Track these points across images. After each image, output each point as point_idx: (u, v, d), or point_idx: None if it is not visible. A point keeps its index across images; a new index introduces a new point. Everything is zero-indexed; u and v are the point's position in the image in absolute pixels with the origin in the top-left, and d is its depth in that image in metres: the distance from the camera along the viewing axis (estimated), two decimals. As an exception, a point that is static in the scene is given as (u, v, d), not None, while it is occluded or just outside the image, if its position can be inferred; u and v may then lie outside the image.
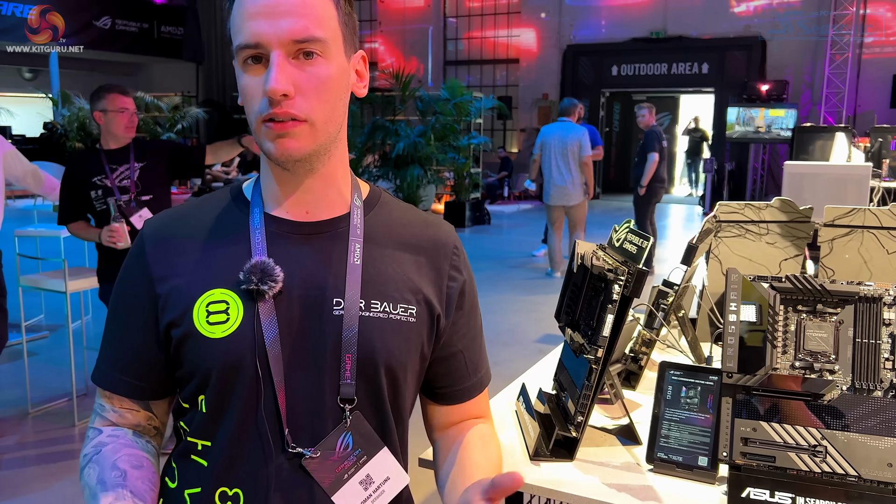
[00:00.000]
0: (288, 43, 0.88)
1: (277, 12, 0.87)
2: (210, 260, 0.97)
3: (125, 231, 3.17)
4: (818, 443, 1.14)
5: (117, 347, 1.01)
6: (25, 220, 7.36)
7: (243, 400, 0.93)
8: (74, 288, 3.80)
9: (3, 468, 3.29)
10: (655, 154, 7.17)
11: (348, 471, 0.96)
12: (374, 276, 0.99)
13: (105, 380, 1.01)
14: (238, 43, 0.89)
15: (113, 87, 3.37)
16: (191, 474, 0.97)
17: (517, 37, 15.88)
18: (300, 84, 0.89)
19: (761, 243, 1.90)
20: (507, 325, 5.69)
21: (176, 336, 0.94)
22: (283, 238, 0.97)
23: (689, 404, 1.33)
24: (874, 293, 1.17)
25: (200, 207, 1.03)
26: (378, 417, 0.99)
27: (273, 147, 0.91)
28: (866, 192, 2.98)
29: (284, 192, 0.99)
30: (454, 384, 1.11)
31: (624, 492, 1.24)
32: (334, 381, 0.95)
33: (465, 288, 1.08)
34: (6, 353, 3.66)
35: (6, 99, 17.25)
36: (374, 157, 11.31)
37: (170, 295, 0.95)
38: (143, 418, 1.03)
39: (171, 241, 0.98)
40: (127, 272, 1.01)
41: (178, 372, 0.98)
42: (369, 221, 1.03)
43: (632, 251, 1.28)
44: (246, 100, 0.92)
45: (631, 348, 1.78)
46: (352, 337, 0.95)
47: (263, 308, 0.93)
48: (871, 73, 12.55)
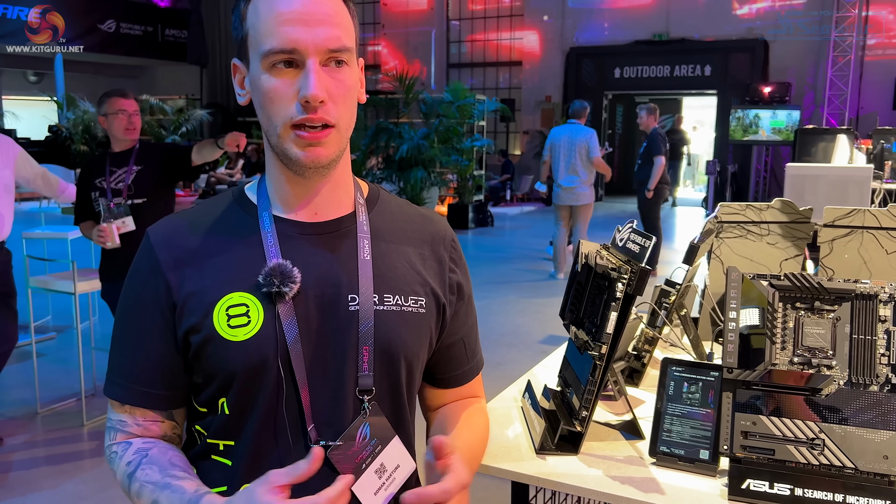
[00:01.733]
0: (324, 51, 0.91)
1: (314, 20, 0.90)
2: (224, 264, 0.98)
3: (114, 231, 3.23)
4: (816, 436, 1.17)
5: (134, 359, 0.99)
6: (33, 223, 7.41)
7: (267, 399, 0.95)
8: (83, 289, 3.84)
9: (12, 467, 3.33)
10: (662, 157, 7.20)
11: (366, 460, 0.99)
12: (384, 270, 1.02)
13: (124, 393, 1.00)
14: (271, 47, 0.91)
15: (113, 91, 3.45)
16: (215, 474, 0.99)
17: (520, 39, 15.91)
18: (331, 91, 0.92)
19: (762, 244, 1.93)
20: (510, 327, 5.72)
21: (196, 341, 0.95)
22: (294, 239, 1.00)
23: (690, 399, 1.36)
24: (870, 290, 1.20)
25: (205, 212, 1.04)
26: (393, 407, 1.03)
27: (303, 155, 0.94)
28: (867, 193, 3.01)
29: (295, 195, 1.01)
30: (453, 370, 1.15)
31: (627, 484, 1.27)
32: (353, 374, 0.98)
33: (463, 277, 1.13)
34: (15, 353, 3.70)
35: (11, 102, 17.32)
36: (377, 160, 11.35)
37: (187, 301, 0.96)
38: (169, 428, 1.03)
39: (182, 247, 0.99)
40: (137, 280, 1.00)
41: (196, 377, 0.99)
42: (373, 218, 1.06)
43: (634, 250, 1.31)
44: (271, 103, 0.93)
45: (634, 346, 1.81)
46: (368, 330, 0.98)
47: (283, 309, 0.95)
48: (873, 75, 12.56)
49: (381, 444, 1.00)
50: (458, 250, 1.14)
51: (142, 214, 3.34)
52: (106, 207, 3.28)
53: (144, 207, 3.36)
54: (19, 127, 15.30)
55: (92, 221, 3.41)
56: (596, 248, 1.43)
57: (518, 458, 1.37)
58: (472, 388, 1.20)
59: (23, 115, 15.91)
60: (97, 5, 15.71)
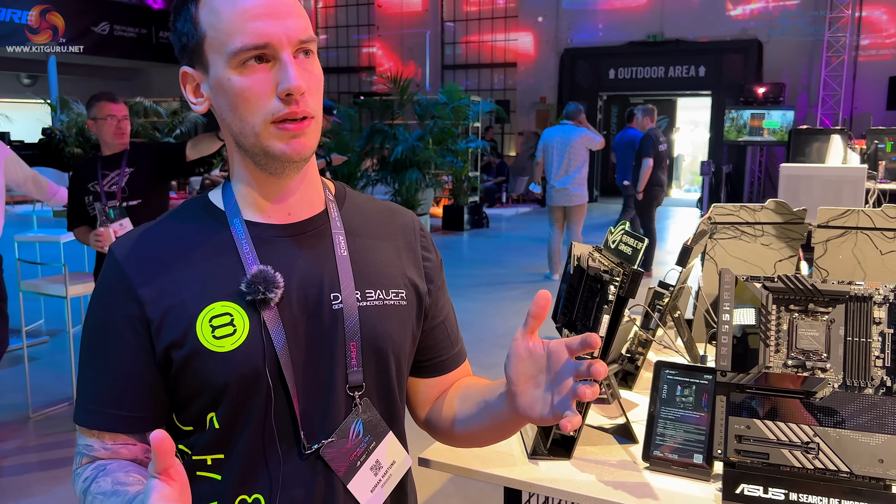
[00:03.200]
0: (295, 42, 0.89)
1: (281, 13, 0.89)
2: (201, 274, 0.94)
3: (111, 235, 3.21)
4: (811, 439, 1.16)
5: (103, 381, 0.94)
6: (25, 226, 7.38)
7: (258, 407, 0.93)
8: (75, 293, 3.82)
9: (4, 473, 3.30)
10: (650, 159, 7.24)
11: (360, 458, 0.98)
12: (362, 266, 1.01)
13: (92, 418, 0.94)
14: (242, 44, 0.88)
15: (102, 94, 3.42)
16: (203, 491, 0.95)
17: (514, 41, 15.92)
18: (307, 82, 0.90)
19: (756, 245, 1.93)
20: (504, 329, 5.70)
21: (179, 357, 0.91)
22: (269, 242, 0.97)
23: (684, 403, 1.35)
24: (864, 292, 1.19)
25: (171, 222, 1.00)
26: (384, 402, 1.02)
27: (286, 147, 0.91)
28: (862, 193, 3.01)
29: (266, 197, 0.98)
30: (440, 354, 1.13)
31: (621, 489, 1.26)
32: (342, 372, 0.97)
33: (437, 265, 1.12)
34: (7, 357, 3.68)
35: (5, 104, 17.26)
36: (372, 162, 11.34)
37: (165, 315, 0.92)
38: (140, 452, 0.96)
39: (152, 261, 0.95)
40: (104, 300, 0.95)
41: (179, 394, 0.95)
42: (344, 215, 1.04)
43: (627, 252, 1.30)
44: (246, 102, 0.90)
45: (627, 349, 1.80)
46: (354, 326, 0.97)
47: (269, 315, 0.93)
48: (867, 76, 12.60)
49: (375, 441, 1.00)
50: (428, 237, 1.14)
51: (137, 215, 3.32)
52: (101, 211, 3.26)
53: (140, 208, 3.34)
54: (12, 130, 15.25)
55: (87, 227, 3.38)
56: (588, 251, 1.42)
57: (510, 463, 1.36)
58: (462, 373, 1.16)
59: (16, 118, 15.86)
60: (91, 7, 15.68)
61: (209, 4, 0.90)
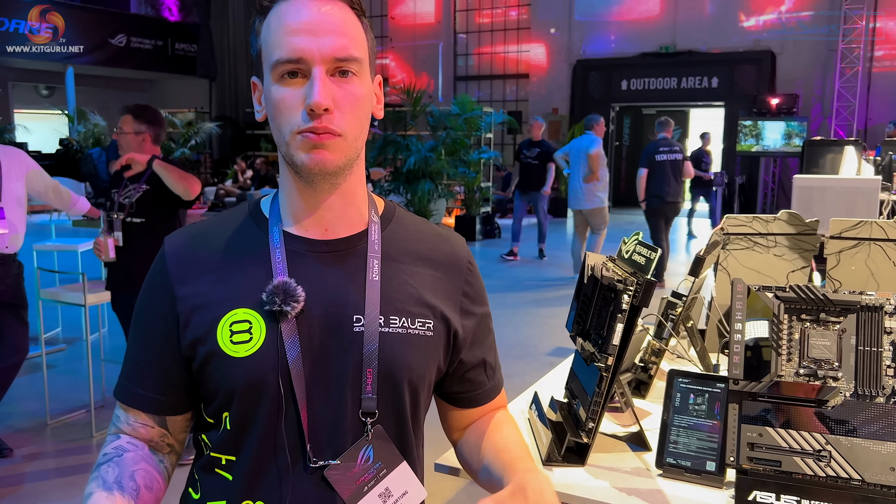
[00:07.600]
0: (329, 60, 0.92)
1: (320, 30, 0.91)
2: (232, 279, 0.98)
3: (109, 245, 3.26)
4: (822, 447, 1.18)
5: (136, 361, 1.03)
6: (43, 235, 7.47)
7: (267, 417, 0.95)
8: (92, 301, 3.87)
9: (23, 479, 3.34)
10: (643, 169, 7.46)
11: (368, 483, 0.98)
12: (392, 291, 1.01)
13: (122, 393, 1.04)
14: (278, 57, 0.92)
15: (124, 108, 3.50)
16: (215, 487, 0.99)
17: (527, 52, 15.97)
18: (338, 100, 0.93)
19: (769, 255, 1.94)
20: (518, 339, 5.71)
21: (201, 354, 0.96)
22: (302, 256, 0.99)
23: (697, 411, 1.36)
24: (876, 302, 1.20)
25: (220, 224, 1.05)
26: (398, 430, 1.02)
27: (307, 158, 0.93)
28: (875, 205, 3.01)
29: (305, 209, 1.00)
30: (475, 389, 1.13)
31: (634, 496, 1.27)
32: (356, 396, 0.97)
33: (479, 299, 1.11)
34: (24, 365, 3.72)
35: (23, 115, 17.49)
36: (385, 172, 11.40)
37: (193, 313, 0.97)
38: (157, 434, 1.04)
39: (193, 259, 1.00)
40: (149, 288, 1.03)
41: (202, 389, 1.00)
42: (386, 237, 1.05)
43: (640, 262, 1.32)
44: (279, 113, 0.94)
45: (641, 358, 1.82)
46: (372, 352, 0.97)
47: (286, 327, 0.95)
48: (881, 87, 12.55)
49: (386, 468, 0.99)
50: (475, 272, 1.12)
51: (135, 234, 3.35)
52: (106, 219, 3.32)
53: (142, 227, 3.36)
54: (30, 140, 15.44)
55: None
56: (602, 260, 1.44)
57: (525, 470, 1.38)
58: (495, 403, 1.18)
59: (34, 129, 16.05)
60: (108, 20, 15.90)
61: (268, 19, 0.95)
